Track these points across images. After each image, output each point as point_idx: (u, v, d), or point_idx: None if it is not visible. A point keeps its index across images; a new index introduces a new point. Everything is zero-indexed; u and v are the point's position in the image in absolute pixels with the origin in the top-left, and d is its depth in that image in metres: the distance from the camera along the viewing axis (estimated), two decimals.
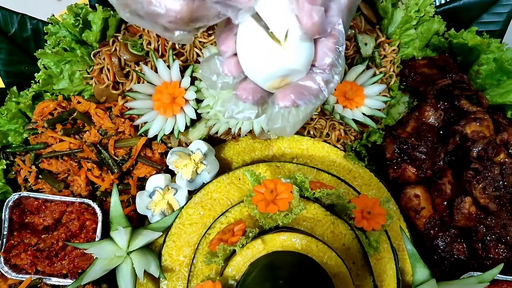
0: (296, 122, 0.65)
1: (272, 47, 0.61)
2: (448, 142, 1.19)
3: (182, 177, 1.12)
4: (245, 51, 0.63)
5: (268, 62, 0.61)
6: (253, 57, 0.62)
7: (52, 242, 1.12)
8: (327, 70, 0.64)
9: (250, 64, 0.63)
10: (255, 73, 0.64)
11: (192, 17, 0.58)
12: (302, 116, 0.65)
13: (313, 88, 0.63)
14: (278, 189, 0.93)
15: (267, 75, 0.62)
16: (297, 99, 0.62)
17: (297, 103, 0.62)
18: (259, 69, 0.62)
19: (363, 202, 1.05)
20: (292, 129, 0.65)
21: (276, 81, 0.63)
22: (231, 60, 0.66)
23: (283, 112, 0.63)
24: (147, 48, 1.19)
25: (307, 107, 0.64)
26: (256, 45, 0.62)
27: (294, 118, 0.64)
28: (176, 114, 1.15)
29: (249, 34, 0.62)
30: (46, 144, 1.18)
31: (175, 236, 1.09)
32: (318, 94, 0.64)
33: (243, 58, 0.64)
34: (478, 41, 1.17)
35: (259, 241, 0.88)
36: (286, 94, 0.63)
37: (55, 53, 1.16)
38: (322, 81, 0.63)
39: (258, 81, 0.65)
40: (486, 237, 1.13)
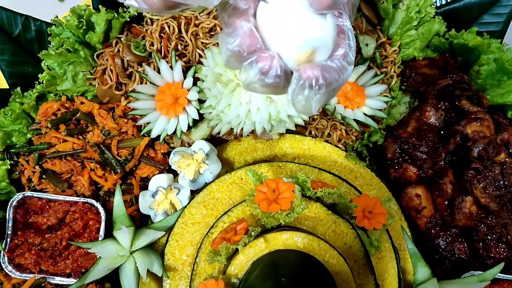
0: (321, 96, 0.62)
1: (303, 15, 0.61)
2: (449, 142, 1.20)
3: (185, 177, 1.13)
4: (273, 24, 0.62)
5: (299, 33, 0.61)
6: (283, 29, 0.61)
7: (56, 241, 1.13)
8: (341, 58, 0.64)
9: (280, 35, 0.62)
10: (284, 44, 0.62)
11: (168, 7, 0.58)
12: (328, 90, 0.62)
13: (334, 66, 0.63)
14: (280, 189, 0.94)
15: (298, 45, 0.61)
16: (324, 71, 0.61)
17: (324, 75, 0.61)
18: (292, 38, 0.61)
19: (364, 201, 1.06)
20: (316, 105, 0.63)
21: (306, 53, 0.62)
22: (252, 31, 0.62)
23: (310, 82, 0.61)
24: (150, 49, 1.20)
25: (332, 81, 0.62)
26: (286, 16, 0.61)
27: (320, 91, 0.62)
28: (179, 115, 1.16)
29: (276, 7, 0.61)
30: (49, 144, 1.18)
31: (177, 236, 1.10)
32: (341, 71, 0.63)
33: (271, 32, 0.62)
34: (479, 41, 1.18)
35: (262, 239, 0.89)
36: (313, 65, 0.62)
37: (59, 54, 1.17)
38: (340, 65, 0.63)
39: (288, 53, 0.63)
40: (487, 237, 1.14)
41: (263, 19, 0.63)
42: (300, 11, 0.61)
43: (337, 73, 0.62)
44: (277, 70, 0.60)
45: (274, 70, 0.60)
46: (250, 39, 0.61)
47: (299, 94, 0.61)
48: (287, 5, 0.61)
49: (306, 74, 0.60)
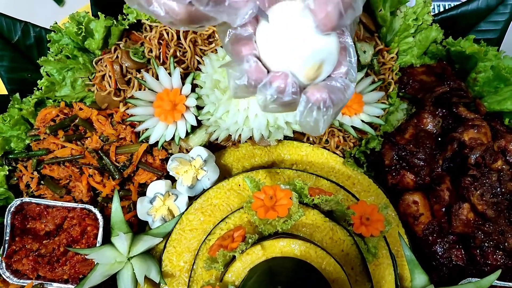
0: (329, 117, 0.64)
1: (308, 31, 0.61)
2: (446, 148, 1.20)
3: (183, 183, 1.13)
4: (280, 41, 0.63)
5: (306, 45, 0.62)
6: (290, 44, 0.62)
7: (54, 247, 1.13)
8: (344, 77, 0.65)
9: (288, 52, 0.62)
10: (292, 59, 0.63)
11: (192, 19, 0.60)
12: (335, 111, 0.64)
13: (339, 86, 0.64)
14: (278, 196, 0.94)
15: (306, 58, 0.62)
16: (330, 93, 0.62)
17: (331, 96, 0.62)
18: (298, 54, 0.62)
19: (361, 208, 1.06)
20: (324, 125, 0.64)
21: (314, 67, 0.63)
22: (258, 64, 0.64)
23: (319, 105, 0.62)
24: (149, 55, 1.21)
25: (338, 101, 0.63)
26: (292, 32, 0.62)
27: (327, 113, 0.63)
28: (177, 121, 1.17)
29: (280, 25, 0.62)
30: (48, 150, 1.19)
31: (175, 242, 1.10)
32: (345, 90, 0.64)
33: (276, 51, 0.63)
34: (476, 49, 1.19)
35: (259, 247, 0.89)
36: (320, 87, 0.63)
37: (58, 60, 1.18)
38: (343, 83, 0.64)
39: (296, 68, 0.64)
40: (484, 244, 1.14)
41: (267, 38, 0.64)
42: (305, 29, 0.62)
43: (342, 93, 0.63)
44: (292, 87, 0.62)
45: (290, 87, 0.62)
46: (257, 73, 0.62)
47: (308, 116, 0.63)
48: (291, 24, 0.62)
49: (314, 97, 0.62)
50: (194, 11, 0.59)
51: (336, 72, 0.65)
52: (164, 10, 0.59)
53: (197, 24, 0.61)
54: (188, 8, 0.58)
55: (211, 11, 0.57)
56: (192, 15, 0.59)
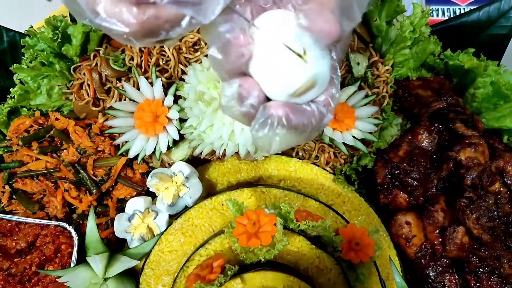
0: (282, 139, 0.58)
1: (294, 61, 0.56)
2: (442, 168, 1.15)
3: (163, 201, 1.07)
4: (267, 70, 0.57)
5: (293, 77, 0.56)
6: (277, 75, 0.57)
7: (25, 266, 1.07)
8: (322, 105, 0.60)
9: (273, 83, 0.58)
10: (279, 89, 0.58)
11: (146, 31, 0.51)
12: (291, 134, 0.58)
13: (307, 110, 0.58)
14: (261, 221, 0.89)
15: (293, 90, 0.57)
16: (290, 113, 0.57)
17: (290, 116, 0.57)
18: (285, 85, 0.57)
19: (351, 232, 1.01)
20: (276, 146, 0.59)
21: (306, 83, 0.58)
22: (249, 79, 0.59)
23: (273, 121, 0.57)
24: (130, 63, 1.14)
25: (298, 125, 0.58)
26: (277, 62, 0.56)
27: (282, 134, 0.58)
28: (158, 134, 1.10)
29: (266, 53, 0.57)
30: (21, 162, 1.12)
31: (153, 264, 1.04)
32: (315, 117, 0.59)
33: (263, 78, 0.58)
34: (475, 63, 1.13)
35: (238, 280, 0.84)
36: (280, 104, 0.57)
37: (32, 68, 1.11)
38: (316, 110, 0.59)
39: (282, 98, 0.59)
40: (479, 269, 1.09)
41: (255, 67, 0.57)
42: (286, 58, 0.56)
43: (308, 118, 0.58)
44: (253, 99, 0.56)
45: (251, 99, 0.57)
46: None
47: (259, 130, 0.57)
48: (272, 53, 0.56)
49: (269, 111, 0.56)
50: (147, 19, 0.50)
51: (315, 99, 0.60)
52: (112, 22, 0.50)
53: (154, 37, 0.53)
54: (140, 16, 0.50)
55: (173, 4, 0.49)
56: (145, 24, 0.51)
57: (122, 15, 0.49)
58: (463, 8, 1.60)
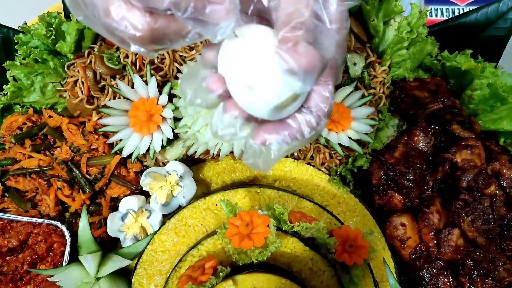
0: (267, 161, 0.60)
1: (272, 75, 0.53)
2: (437, 169, 1.14)
3: (157, 200, 1.06)
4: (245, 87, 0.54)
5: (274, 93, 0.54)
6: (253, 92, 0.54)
7: (17, 265, 1.06)
8: (314, 113, 0.58)
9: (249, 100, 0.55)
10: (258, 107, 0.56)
11: (154, 38, 0.52)
12: (274, 155, 0.60)
13: (293, 127, 0.58)
14: (254, 222, 0.88)
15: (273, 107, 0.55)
16: (269, 139, 0.58)
17: (268, 142, 0.58)
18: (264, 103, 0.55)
19: (345, 233, 1.00)
20: (264, 166, 0.61)
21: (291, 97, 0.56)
22: (216, 76, 0.58)
23: (255, 148, 0.59)
24: (124, 61, 1.13)
25: (281, 147, 0.59)
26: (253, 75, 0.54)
27: (265, 157, 0.60)
28: (153, 133, 1.09)
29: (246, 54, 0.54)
30: (13, 160, 1.11)
31: (146, 264, 1.03)
32: (296, 135, 0.58)
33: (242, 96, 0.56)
34: (472, 65, 1.12)
35: (230, 282, 0.83)
36: (259, 132, 0.58)
37: (25, 65, 1.09)
38: (305, 122, 0.58)
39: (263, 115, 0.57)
40: (474, 271, 1.08)
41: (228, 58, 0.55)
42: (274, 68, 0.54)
43: (292, 135, 0.58)
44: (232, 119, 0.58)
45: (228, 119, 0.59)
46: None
47: (246, 159, 0.61)
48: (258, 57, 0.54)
49: (253, 142, 0.58)
50: (158, 28, 0.51)
51: (307, 104, 0.58)
52: (125, 24, 0.50)
53: (159, 44, 0.53)
54: (151, 24, 0.51)
55: (189, 19, 0.50)
56: (155, 32, 0.51)
57: (135, 19, 0.50)
58: (462, 9, 1.59)
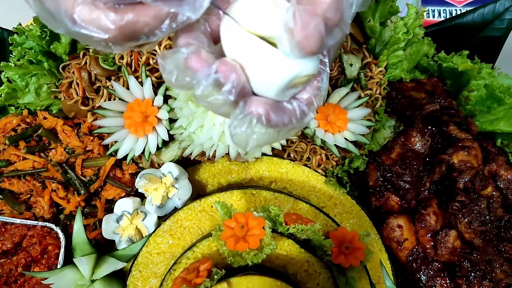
0: (260, 137, 0.54)
1: (272, 54, 0.51)
2: (434, 171, 1.13)
3: (152, 202, 1.06)
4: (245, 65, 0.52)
5: (273, 75, 0.52)
6: (254, 73, 0.52)
7: (11, 267, 1.06)
8: (304, 104, 0.56)
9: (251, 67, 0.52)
10: (263, 89, 0.54)
11: (125, 35, 0.49)
12: (271, 133, 0.54)
13: (289, 109, 0.55)
14: (250, 224, 0.87)
15: (278, 89, 0.53)
16: (271, 111, 0.53)
17: (270, 115, 0.53)
18: (267, 85, 0.53)
19: (341, 235, 0.99)
20: (253, 143, 0.55)
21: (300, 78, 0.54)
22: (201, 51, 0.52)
23: (251, 118, 0.53)
24: (119, 62, 1.12)
25: (278, 123, 0.54)
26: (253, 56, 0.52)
27: (260, 132, 0.54)
28: (148, 134, 1.09)
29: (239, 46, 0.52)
30: (8, 162, 1.10)
31: (141, 266, 1.03)
32: (291, 118, 0.55)
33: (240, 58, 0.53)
34: (469, 66, 1.11)
35: (225, 284, 0.82)
36: (261, 101, 0.53)
37: (19, 66, 1.09)
38: (298, 108, 0.55)
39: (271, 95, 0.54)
40: (471, 273, 1.08)
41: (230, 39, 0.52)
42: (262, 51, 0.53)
43: (289, 117, 0.54)
44: (233, 86, 0.51)
45: (230, 85, 0.51)
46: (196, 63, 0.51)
47: (237, 127, 0.53)
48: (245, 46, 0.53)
49: (250, 108, 0.52)
50: (126, 24, 0.48)
51: (298, 96, 0.56)
52: (91, 29, 0.48)
53: (134, 41, 0.50)
54: (117, 21, 0.48)
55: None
56: (125, 29, 0.48)
57: (100, 21, 0.47)
58: (459, 9, 1.59)
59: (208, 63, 0.51)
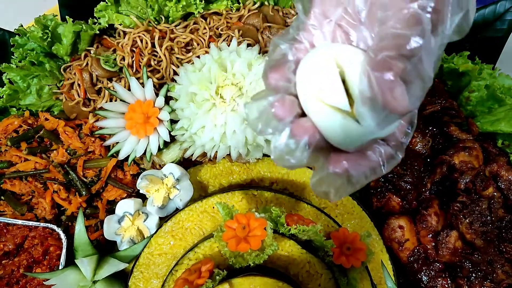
0: (341, 191, 0.55)
1: (345, 124, 0.51)
2: (435, 171, 1.14)
3: (153, 203, 1.06)
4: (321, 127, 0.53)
5: (350, 139, 0.52)
6: (330, 136, 0.53)
7: (13, 269, 1.06)
8: (392, 145, 0.55)
9: (331, 123, 0.52)
10: (342, 146, 0.54)
11: None
12: (350, 188, 0.55)
13: (372, 160, 0.54)
14: (251, 225, 0.87)
15: (356, 147, 0.53)
16: (350, 169, 0.53)
17: (349, 172, 0.53)
18: (345, 146, 0.53)
19: (342, 236, 0.99)
20: (335, 197, 0.56)
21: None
22: (285, 100, 0.54)
23: (331, 178, 0.54)
24: (121, 64, 1.13)
25: (359, 179, 0.54)
26: (326, 124, 0.52)
27: (340, 186, 0.54)
28: (149, 135, 1.09)
29: (312, 111, 0.52)
30: (9, 163, 1.11)
31: (143, 267, 1.03)
32: (375, 169, 0.54)
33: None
34: (470, 66, 1.11)
35: (227, 285, 0.82)
36: (340, 159, 0.53)
37: (21, 67, 1.09)
38: (384, 155, 0.54)
39: (340, 141, 0.54)
40: (472, 274, 1.08)
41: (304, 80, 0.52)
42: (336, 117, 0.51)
43: (372, 169, 0.53)
44: (303, 149, 0.52)
45: (302, 148, 0.52)
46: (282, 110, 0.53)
47: (317, 186, 0.55)
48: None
49: (329, 168, 0.53)
50: None
51: (386, 136, 0.55)
52: None
53: None
54: None
55: None
56: None
57: None
58: None
59: (290, 113, 0.53)
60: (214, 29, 1.17)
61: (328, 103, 0.51)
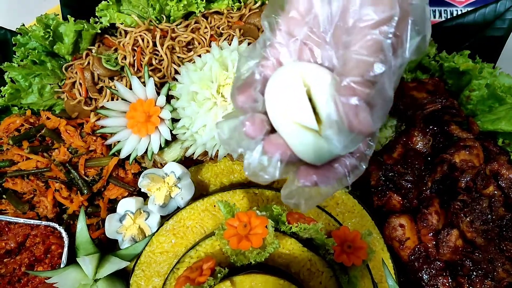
0: (312, 202, 0.59)
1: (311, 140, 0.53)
2: (436, 170, 1.14)
3: (155, 202, 1.06)
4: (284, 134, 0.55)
5: (316, 155, 0.55)
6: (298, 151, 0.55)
7: (15, 267, 1.06)
8: (356, 157, 0.58)
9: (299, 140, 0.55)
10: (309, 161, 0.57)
11: None
12: (319, 198, 0.59)
13: (338, 172, 0.57)
14: (252, 223, 0.87)
15: (323, 162, 0.56)
16: (319, 181, 0.56)
17: (318, 185, 0.56)
18: (312, 161, 0.56)
19: (343, 234, 1.00)
20: (305, 207, 0.60)
21: None
22: (255, 119, 0.56)
23: (301, 190, 0.58)
24: (122, 63, 1.13)
25: (327, 190, 0.59)
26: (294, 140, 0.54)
27: (309, 197, 0.59)
28: (151, 134, 1.09)
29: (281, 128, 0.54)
30: (11, 162, 1.11)
31: (144, 265, 1.03)
32: (342, 179, 0.58)
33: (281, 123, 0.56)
34: (470, 66, 1.12)
35: (228, 283, 0.83)
36: (310, 173, 0.56)
37: (23, 66, 1.09)
38: (349, 166, 0.58)
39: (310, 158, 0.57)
40: (473, 272, 1.08)
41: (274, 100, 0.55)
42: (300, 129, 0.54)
43: (338, 180, 0.57)
44: (276, 164, 0.55)
45: (274, 163, 0.55)
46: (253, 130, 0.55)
47: (288, 198, 0.59)
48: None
49: (299, 182, 0.56)
50: None
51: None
52: None
53: None
54: None
55: None
56: None
57: None
58: (461, 10, 1.59)
59: (261, 131, 0.55)
60: (215, 28, 1.17)
61: (296, 121, 0.53)
